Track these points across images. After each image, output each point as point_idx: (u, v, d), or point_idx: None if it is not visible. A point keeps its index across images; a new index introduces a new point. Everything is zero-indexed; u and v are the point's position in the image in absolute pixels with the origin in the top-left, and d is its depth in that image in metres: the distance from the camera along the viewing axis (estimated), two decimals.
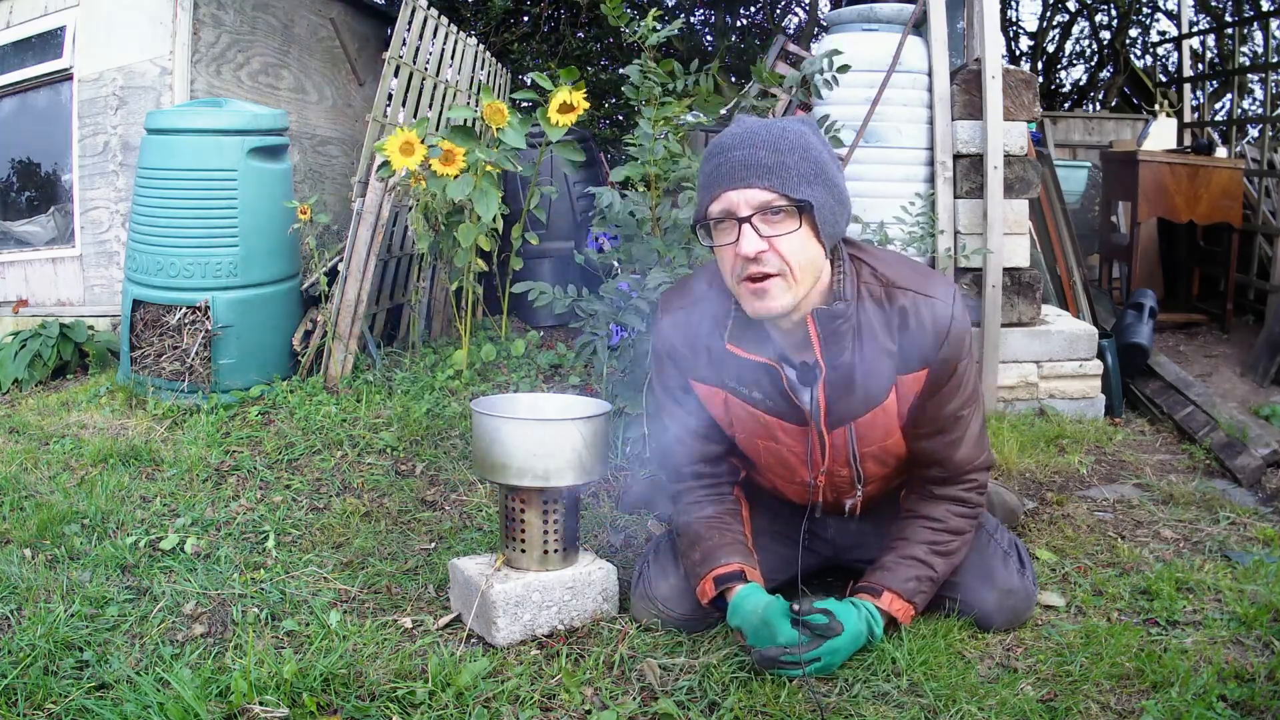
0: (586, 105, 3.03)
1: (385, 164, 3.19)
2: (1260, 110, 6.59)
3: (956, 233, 3.40)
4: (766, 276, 1.60)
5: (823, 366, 1.70)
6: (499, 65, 5.40)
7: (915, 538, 1.81)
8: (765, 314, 1.64)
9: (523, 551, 1.90)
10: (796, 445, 1.82)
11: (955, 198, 3.41)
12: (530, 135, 3.32)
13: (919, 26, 3.43)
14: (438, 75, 4.17)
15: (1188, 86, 6.37)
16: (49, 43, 4.29)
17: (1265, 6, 6.02)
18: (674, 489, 1.96)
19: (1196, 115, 6.40)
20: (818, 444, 1.80)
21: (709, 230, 1.65)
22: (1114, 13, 8.81)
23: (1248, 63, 7.24)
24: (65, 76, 4.27)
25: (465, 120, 3.96)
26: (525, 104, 5.14)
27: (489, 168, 3.18)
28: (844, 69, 2.91)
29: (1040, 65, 9.15)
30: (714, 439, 1.90)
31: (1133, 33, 8.87)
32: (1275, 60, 5.34)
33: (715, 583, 1.79)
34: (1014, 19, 9.11)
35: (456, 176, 3.07)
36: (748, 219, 1.59)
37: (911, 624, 1.81)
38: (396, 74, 3.81)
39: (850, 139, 3.31)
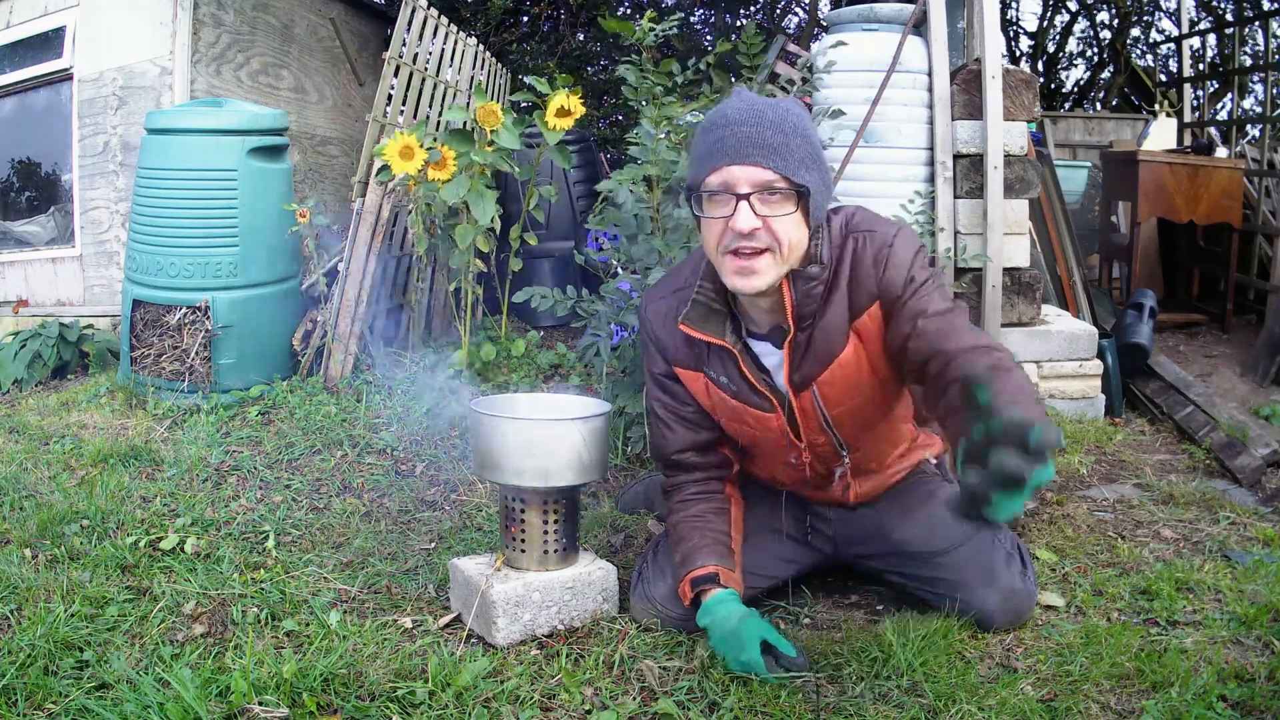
0: (583, 110, 3.03)
1: (385, 168, 3.19)
2: (1260, 110, 6.59)
3: (956, 233, 3.40)
4: (756, 253, 1.61)
5: (791, 326, 1.71)
6: (499, 65, 5.40)
7: (974, 366, 1.47)
8: (748, 290, 1.65)
9: (523, 551, 1.90)
10: (769, 429, 1.83)
11: (955, 198, 3.41)
12: (529, 136, 3.32)
13: (919, 26, 3.43)
14: (438, 75, 4.17)
15: (1188, 86, 6.37)
16: (49, 43, 4.29)
17: (1266, 6, 6.02)
18: (666, 483, 1.97)
19: (1196, 115, 6.40)
20: (787, 422, 1.80)
21: (700, 200, 1.65)
22: (1114, 12, 8.80)
23: (1248, 63, 7.24)
24: (65, 76, 4.27)
25: (464, 123, 3.97)
26: (525, 104, 5.14)
27: (483, 170, 3.18)
28: (840, 45, 2.93)
29: (1040, 65, 9.15)
30: (702, 425, 1.91)
31: (1133, 32, 8.88)
32: (1275, 60, 5.34)
33: (691, 585, 1.80)
34: (1014, 19, 9.11)
35: (449, 180, 3.07)
36: (746, 196, 1.59)
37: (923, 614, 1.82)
38: (396, 74, 3.81)
39: (850, 138, 3.31)
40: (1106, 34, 9.14)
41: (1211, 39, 7.03)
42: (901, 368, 1.71)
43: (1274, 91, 5.20)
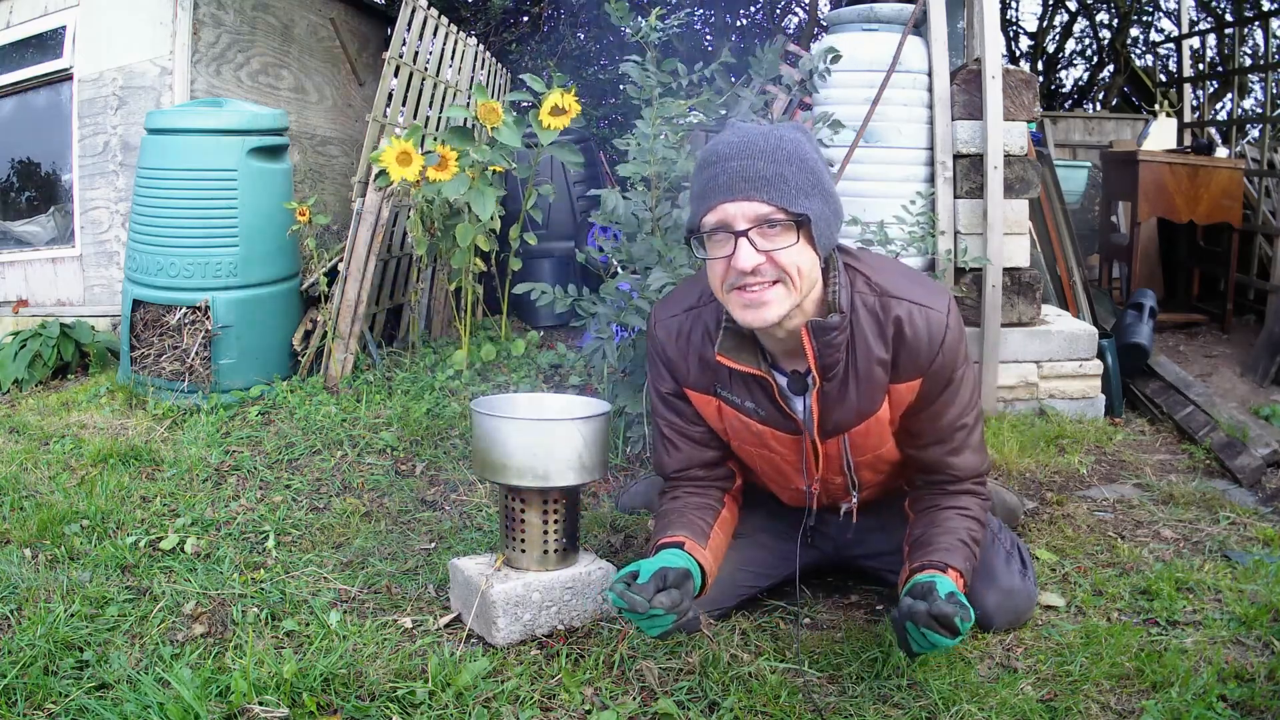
0: (578, 109, 3.03)
1: (383, 173, 3.19)
2: (1260, 110, 6.59)
3: (956, 233, 3.40)
4: (764, 286, 1.58)
5: (817, 378, 1.70)
6: (499, 65, 5.40)
7: (954, 525, 1.75)
8: (758, 324, 1.61)
9: (523, 551, 1.90)
10: (790, 454, 1.82)
11: (955, 198, 3.41)
12: (528, 135, 3.32)
13: (919, 26, 3.43)
14: (438, 75, 4.17)
15: (1188, 86, 6.37)
16: (49, 43, 4.29)
17: (1265, 6, 6.02)
18: (665, 487, 1.96)
19: (1196, 115, 6.40)
20: (811, 454, 1.80)
21: (702, 241, 1.62)
22: (1114, 12, 8.81)
23: (1248, 63, 7.24)
24: (65, 76, 4.27)
25: (464, 121, 3.97)
26: (525, 104, 5.14)
27: (484, 169, 3.18)
28: (837, 57, 2.94)
29: (1040, 65, 9.15)
30: (709, 445, 1.90)
31: (1133, 32, 8.88)
32: (1275, 60, 5.34)
33: (656, 550, 1.76)
34: (1014, 19, 9.11)
35: (450, 179, 3.07)
36: (744, 233, 1.56)
37: None
38: (396, 74, 3.81)
39: (850, 138, 3.30)
40: (1106, 34, 9.14)
41: (1211, 39, 7.03)
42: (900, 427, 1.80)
43: (1274, 91, 5.20)
